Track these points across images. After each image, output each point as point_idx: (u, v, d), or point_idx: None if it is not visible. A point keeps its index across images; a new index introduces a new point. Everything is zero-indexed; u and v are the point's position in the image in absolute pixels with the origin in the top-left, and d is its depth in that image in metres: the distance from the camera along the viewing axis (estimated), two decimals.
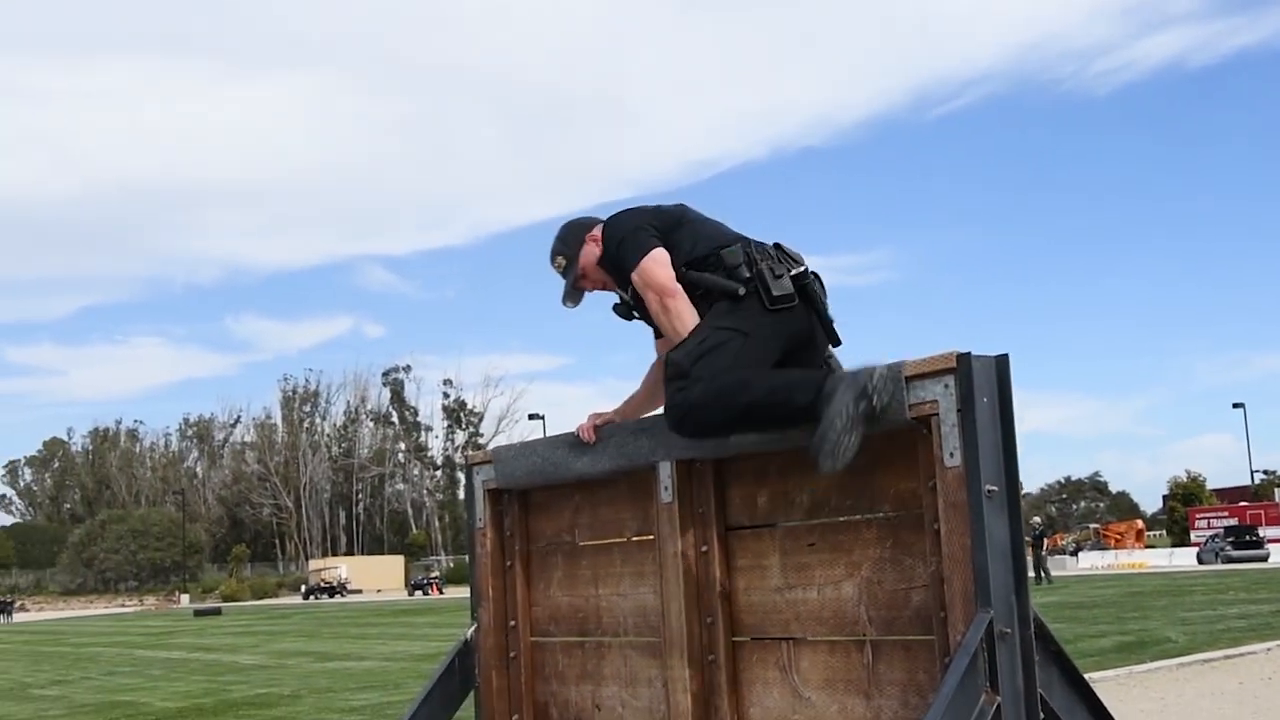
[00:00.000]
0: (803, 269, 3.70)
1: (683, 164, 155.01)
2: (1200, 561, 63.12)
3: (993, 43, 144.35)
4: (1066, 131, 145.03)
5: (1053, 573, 47.71)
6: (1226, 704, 13.12)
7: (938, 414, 3.06)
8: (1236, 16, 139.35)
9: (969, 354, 3.03)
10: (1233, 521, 71.61)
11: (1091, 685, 3.30)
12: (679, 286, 3.71)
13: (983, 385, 3.03)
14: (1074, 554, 74.75)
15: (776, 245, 3.77)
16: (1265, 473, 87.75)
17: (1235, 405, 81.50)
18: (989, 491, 2.98)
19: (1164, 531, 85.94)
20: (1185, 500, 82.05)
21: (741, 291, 3.59)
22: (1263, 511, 73.65)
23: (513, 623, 4.47)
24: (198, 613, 64.59)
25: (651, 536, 3.90)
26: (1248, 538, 64.91)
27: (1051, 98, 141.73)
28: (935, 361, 3.08)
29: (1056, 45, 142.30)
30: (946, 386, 3.05)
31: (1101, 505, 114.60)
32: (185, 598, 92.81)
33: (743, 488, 3.71)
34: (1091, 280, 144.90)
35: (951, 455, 3.03)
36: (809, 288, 3.67)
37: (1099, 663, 17.34)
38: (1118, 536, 79.89)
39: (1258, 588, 34.41)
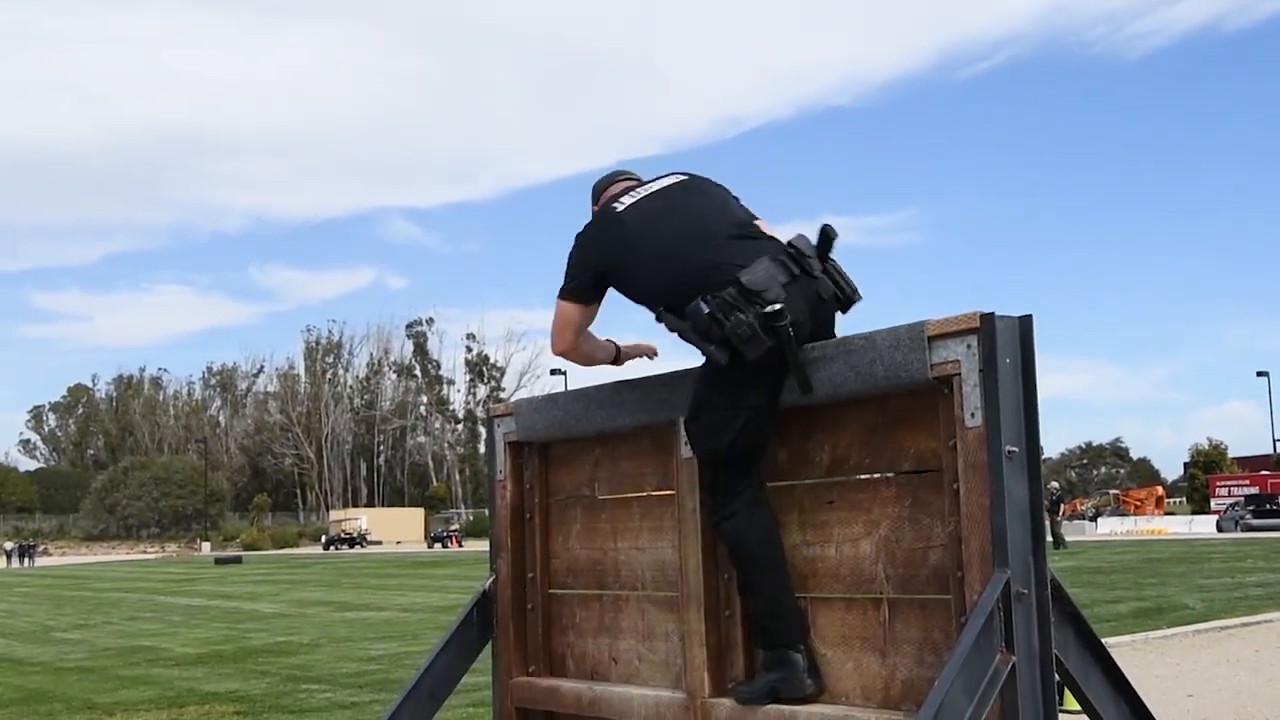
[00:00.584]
0: (776, 307, 3.35)
1: (710, 121, 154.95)
2: (1220, 529, 63.02)
3: (1022, 4, 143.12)
4: (1096, 96, 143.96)
5: (1070, 538, 47.69)
6: (1242, 671, 13.12)
7: (959, 374, 3.06)
8: None
9: (993, 314, 3.02)
10: (1254, 490, 71.41)
11: (1107, 648, 3.30)
12: (569, 348, 3.91)
13: (1006, 346, 3.02)
14: (1093, 519, 74.73)
15: (779, 254, 3.50)
16: None
17: (1260, 373, 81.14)
18: (1009, 452, 2.98)
19: (1184, 499, 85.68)
20: (1206, 468, 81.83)
21: (724, 360, 3.41)
22: None
23: (531, 575, 4.49)
24: (218, 561, 65.12)
25: (671, 492, 3.91)
26: (1269, 506, 64.77)
27: (1081, 61, 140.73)
28: (958, 321, 3.07)
29: (1087, 7, 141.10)
30: (969, 347, 3.04)
31: (1122, 471, 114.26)
32: (206, 546, 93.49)
33: None
34: (1118, 246, 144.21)
35: (973, 415, 3.03)
36: (783, 330, 3.35)
37: (1115, 628, 17.35)
38: (1137, 503, 79.78)
39: (1277, 557, 34.33)
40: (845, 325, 3.57)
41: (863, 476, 3.43)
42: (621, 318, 4.46)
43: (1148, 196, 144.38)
